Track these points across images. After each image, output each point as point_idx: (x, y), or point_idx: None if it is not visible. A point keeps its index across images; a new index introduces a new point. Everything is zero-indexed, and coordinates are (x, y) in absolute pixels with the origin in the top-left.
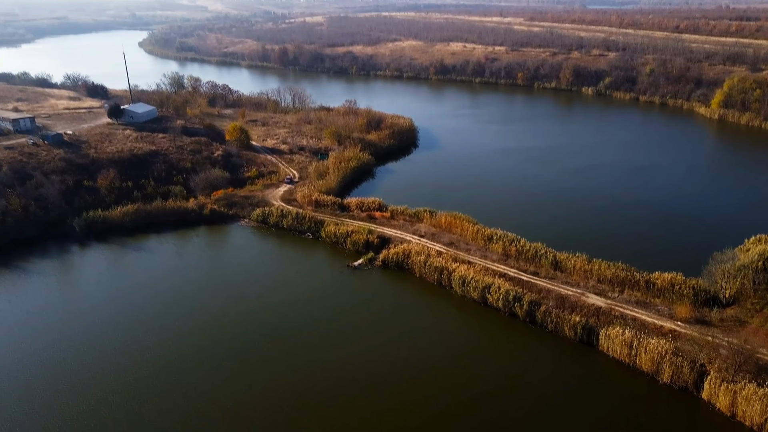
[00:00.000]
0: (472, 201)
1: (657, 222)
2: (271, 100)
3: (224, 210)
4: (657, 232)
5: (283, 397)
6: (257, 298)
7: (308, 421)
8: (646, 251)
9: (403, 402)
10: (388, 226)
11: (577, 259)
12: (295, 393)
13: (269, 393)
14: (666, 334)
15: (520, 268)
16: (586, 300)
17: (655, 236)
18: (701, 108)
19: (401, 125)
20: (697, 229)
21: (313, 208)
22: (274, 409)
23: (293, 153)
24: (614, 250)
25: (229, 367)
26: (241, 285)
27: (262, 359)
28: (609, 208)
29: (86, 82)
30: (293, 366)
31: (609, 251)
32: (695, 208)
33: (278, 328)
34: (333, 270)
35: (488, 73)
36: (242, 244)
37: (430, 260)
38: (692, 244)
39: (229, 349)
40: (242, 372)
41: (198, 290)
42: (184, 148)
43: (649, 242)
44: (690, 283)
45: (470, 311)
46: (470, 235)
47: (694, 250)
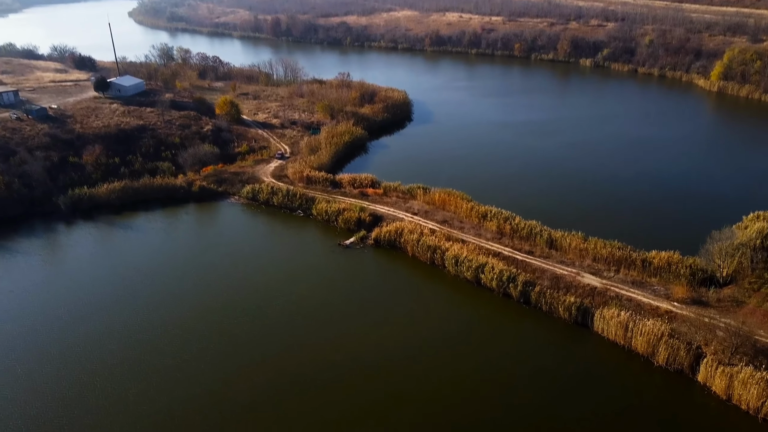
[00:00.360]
0: (467, 176)
1: (654, 198)
2: (262, 73)
3: (213, 187)
4: (654, 209)
5: (272, 380)
6: (246, 277)
7: (297, 404)
8: (642, 229)
9: (394, 383)
10: (381, 203)
11: (572, 238)
12: (284, 376)
13: (257, 375)
14: (662, 315)
15: (514, 246)
16: (581, 280)
17: (652, 213)
18: (700, 80)
19: (395, 98)
20: (695, 206)
21: (305, 185)
22: (263, 391)
23: (285, 127)
24: (610, 227)
25: (217, 349)
26: (229, 264)
27: (250, 341)
28: (605, 184)
29: (73, 54)
30: (282, 347)
31: (605, 229)
32: (693, 184)
33: (266, 309)
34: (324, 249)
35: (484, 45)
36: (231, 222)
37: (422, 239)
38: (690, 221)
39: (217, 331)
40: (230, 354)
41: (186, 270)
42: (173, 123)
43: (646, 219)
44: (687, 263)
45: (463, 291)
46: (464, 213)
47: (691, 228)
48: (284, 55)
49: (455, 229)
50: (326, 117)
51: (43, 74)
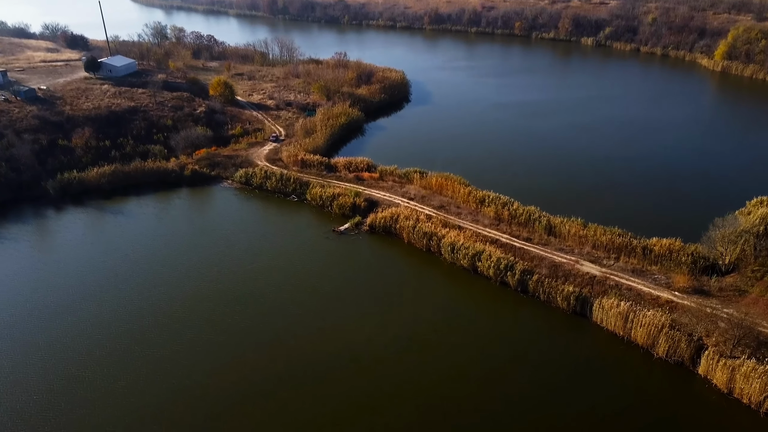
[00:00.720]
0: (465, 159)
1: (656, 182)
2: (258, 53)
3: (206, 171)
4: (656, 194)
5: (265, 371)
6: (238, 265)
7: (291, 396)
8: (643, 214)
9: (388, 374)
10: (377, 187)
11: (571, 224)
12: (276, 366)
13: (249, 366)
14: (663, 306)
15: (512, 233)
16: (580, 268)
17: (653, 198)
18: (704, 59)
19: (393, 79)
20: (698, 190)
21: (299, 169)
22: (255, 383)
23: (280, 109)
24: (610, 212)
25: (208, 338)
26: (222, 251)
27: (242, 330)
28: (606, 167)
29: (65, 33)
30: (275, 337)
31: (605, 214)
32: (696, 168)
33: (259, 298)
34: (318, 235)
35: (484, 23)
36: (224, 208)
37: (418, 225)
38: (692, 207)
39: (209, 320)
40: (221, 344)
41: (177, 257)
42: (165, 105)
43: (647, 204)
44: (688, 250)
45: (460, 279)
46: (462, 198)
47: (694, 213)
48: (281, 34)
49: (452, 215)
50: (322, 98)
51: (33, 54)
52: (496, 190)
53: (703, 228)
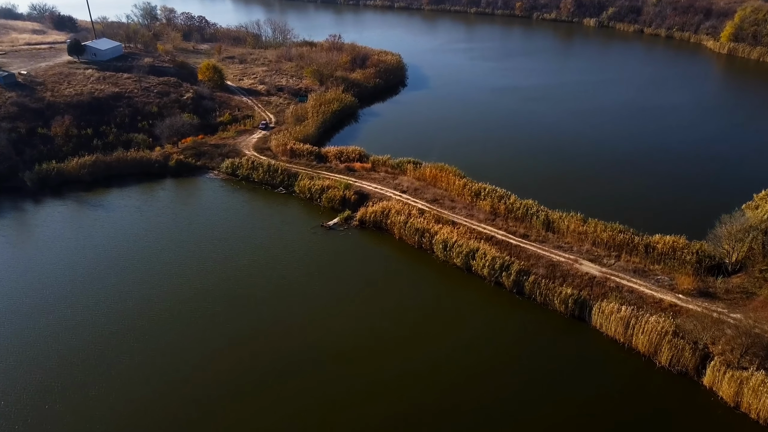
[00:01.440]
0: (462, 147)
1: (659, 174)
2: (250, 35)
3: (191, 161)
4: (659, 186)
5: (250, 369)
6: (222, 261)
7: (276, 392)
8: (645, 208)
9: (373, 373)
10: (368, 179)
11: (570, 219)
12: (262, 364)
13: (233, 364)
14: (666, 310)
15: (508, 229)
16: (579, 268)
17: (656, 191)
18: (709, 41)
19: (389, 62)
20: (704, 181)
21: (288, 158)
22: (239, 381)
23: (271, 94)
24: (611, 206)
25: (191, 339)
26: (205, 247)
27: (225, 329)
28: (606, 157)
29: (53, 13)
30: (261, 335)
31: (605, 207)
32: (701, 157)
33: (244, 296)
34: (305, 230)
35: (484, 3)
36: (209, 200)
37: (410, 221)
38: (697, 199)
39: (191, 320)
40: (203, 341)
41: (158, 253)
42: (151, 90)
43: (649, 198)
44: (693, 248)
45: (453, 278)
46: (456, 190)
47: (699, 206)
48: (276, 15)
49: (446, 209)
50: (315, 83)
51: (18, 36)
52: (493, 180)
53: (708, 223)
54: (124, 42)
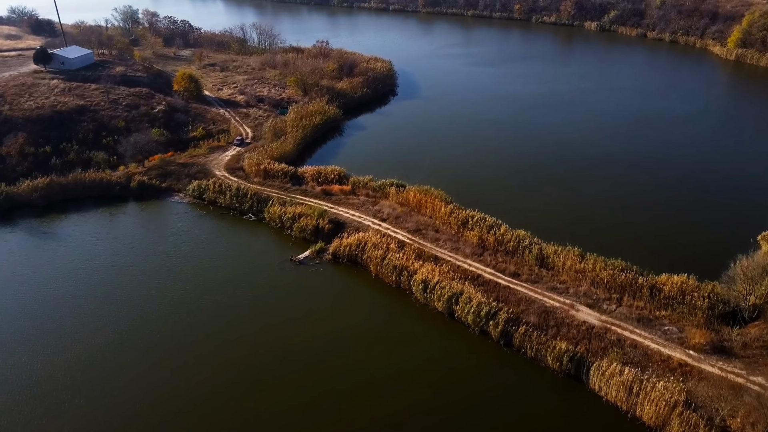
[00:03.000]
0: (450, 166)
1: (665, 200)
2: (235, 39)
3: (155, 182)
4: (665, 215)
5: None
6: (177, 301)
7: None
8: (650, 240)
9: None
10: (346, 204)
11: (567, 254)
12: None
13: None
14: (675, 370)
15: (497, 266)
16: (575, 315)
17: (662, 220)
18: (716, 47)
19: (378, 70)
20: (715, 209)
21: (261, 180)
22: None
23: (250, 106)
24: (612, 237)
25: (133, 386)
26: (159, 284)
27: (173, 385)
28: (606, 181)
29: (31, 17)
30: (213, 400)
31: (605, 240)
32: (712, 180)
33: (196, 346)
34: (271, 265)
35: (482, 5)
36: (170, 228)
37: (388, 256)
38: (708, 229)
39: (136, 374)
40: (151, 389)
41: (106, 291)
42: (119, 103)
43: (654, 228)
44: (705, 290)
45: (433, 325)
46: (442, 218)
47: (710, 238)
48: (268, 17)
49: (429, 242)
50: (298, 93)
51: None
52: (483, 204)
53: (721, 258)
54: (97, 48)
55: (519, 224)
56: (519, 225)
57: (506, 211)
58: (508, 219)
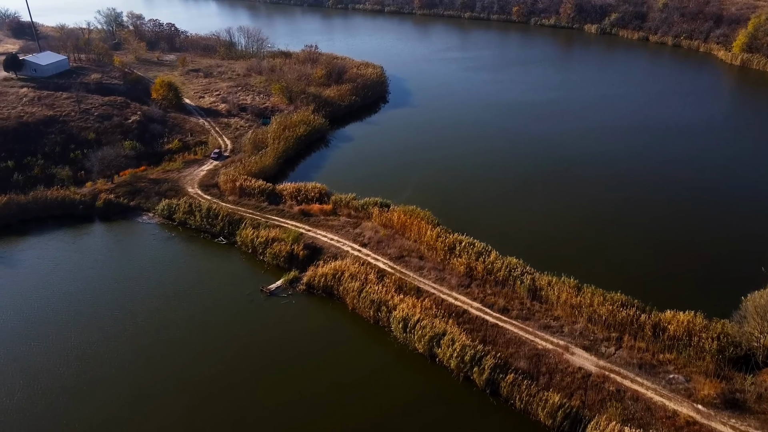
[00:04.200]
0: (439, 183)
1: (667, 225)
2: (222, 42)
3: (124, 200)
4: (668, 242)
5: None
6: (132, 339)
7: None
8: (653, 271)
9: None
10: (325, 227)
11: (562, 286)
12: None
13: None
14: (681, 429)
15: (485, 300)
16: (570, 359)
17: (665, 248)
18: (720, 51)
19: (368, 76)
20: (723, 236)
21: (237, 198)
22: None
23: (232, 115)
24: (611, 268)
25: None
26: (114, 318)
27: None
28: (605, 203)
29: (13, 19)
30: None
31: (604, 270)
32: (719, 203)
33: (154, 386)
34: (240, 296)
35: (479, 7)
36: (134, 253)
37: (366, 289)
38: (718, 260)
39: (84, 419)
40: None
41: (62, 323)
42: (91, 113)
43: (657, 257)
44: (714, 330)
45: (412, 368)
46: (428, 242)
47: (719, 270)
48: (262, 19)
49: (412, 271)
50: (283, 101)
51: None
52: (473, 227)
53: (731, 289)
54: (73, 53)
55: (511, 250)
56: (511, 251)
57: (497, 235)
58: (499, 243)
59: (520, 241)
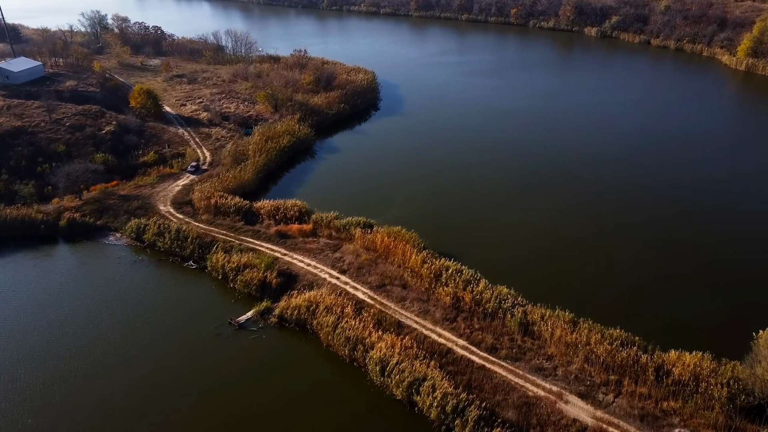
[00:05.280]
0: (428, 200)
1: (673, 254)
2: (210, 47)
3: (90, 219)
4: (674, 271)
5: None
6: (89, 377)
7: None
8: (655, 305)
9: None
10: (302, 250)
11: (556, 321)
12: None
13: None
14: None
15: (472, 337)
16: (564, 410)
17: (670, 277)
18: (725, 56)
19: (358, 83)
20: (733, 266)
21: (211, 217)
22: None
23: (213, 124)
24: (610, 300)
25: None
26: (67, 353)
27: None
28: (605, 228)
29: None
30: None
31: (602, 302)
32: (728, 228)
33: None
34: (207, 329)
35: (477, 9)
36: (97, 278)
37: (342, 323)
38: (727, 293)
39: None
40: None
41: (7, 360)
42: (63, 123)
43: (661, 287)
44: (724, 375)
45: (389, 417)
46: (412, 268)
47: (729, 304)
48: (255, 20)
49: (393, 301)
50: (268, 109)
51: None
52: (462, 250)
53: (742, 326)
54: (50, 57)
55: (502, 276)
56: (502, 277)
57: (488, 260)
58: (489, 269)
59: (512, 267)
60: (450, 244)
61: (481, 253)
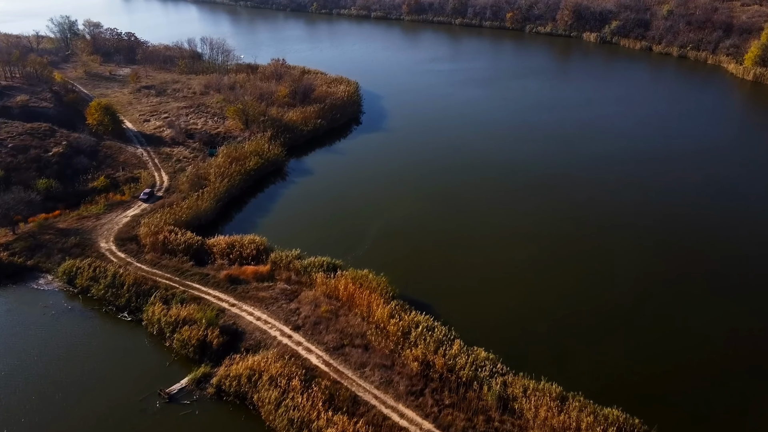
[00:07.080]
0: (404, 236)
1: (674, 314)
2: (186, 53)
3: (19, 259)
4: (675, 335)
5: None
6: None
7: None
8: (659, 376)
9: None
10: (254, 299)
11: (541, 396)
12: None
13: None
14: None
15: (440, 418)
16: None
17: (673, 344)
18: (731, 64)
19: (338, 95)
20: (745, 323)
21: (157, 256)
22: None
23: (176, 144)
24: (606, 369)
25: None
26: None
27: None
28: (601, 280)
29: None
30: None
31: (597, 371)
32: (739, 276)
33: None
34: (131, 402)
35: (471, 13)
36: (17, 333)
37: (287, 400)
38: (736, 365)
39: None
40: None
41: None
42: (5, 144)
43: (663, 356)
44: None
45: None
46: (378, 322)
47: (743, 367)
48: (243, 24)
49: (352, 368)
50: (238, 125)
51: None
52: (437, 299)
53: (758, 401)
54: (2, 70)
55: (480, 333)
56: (480, 335)
57: (466, 312)
58: (466, 324)
59: (493, 320)
60: (424, 289)
61: (458, 301)
